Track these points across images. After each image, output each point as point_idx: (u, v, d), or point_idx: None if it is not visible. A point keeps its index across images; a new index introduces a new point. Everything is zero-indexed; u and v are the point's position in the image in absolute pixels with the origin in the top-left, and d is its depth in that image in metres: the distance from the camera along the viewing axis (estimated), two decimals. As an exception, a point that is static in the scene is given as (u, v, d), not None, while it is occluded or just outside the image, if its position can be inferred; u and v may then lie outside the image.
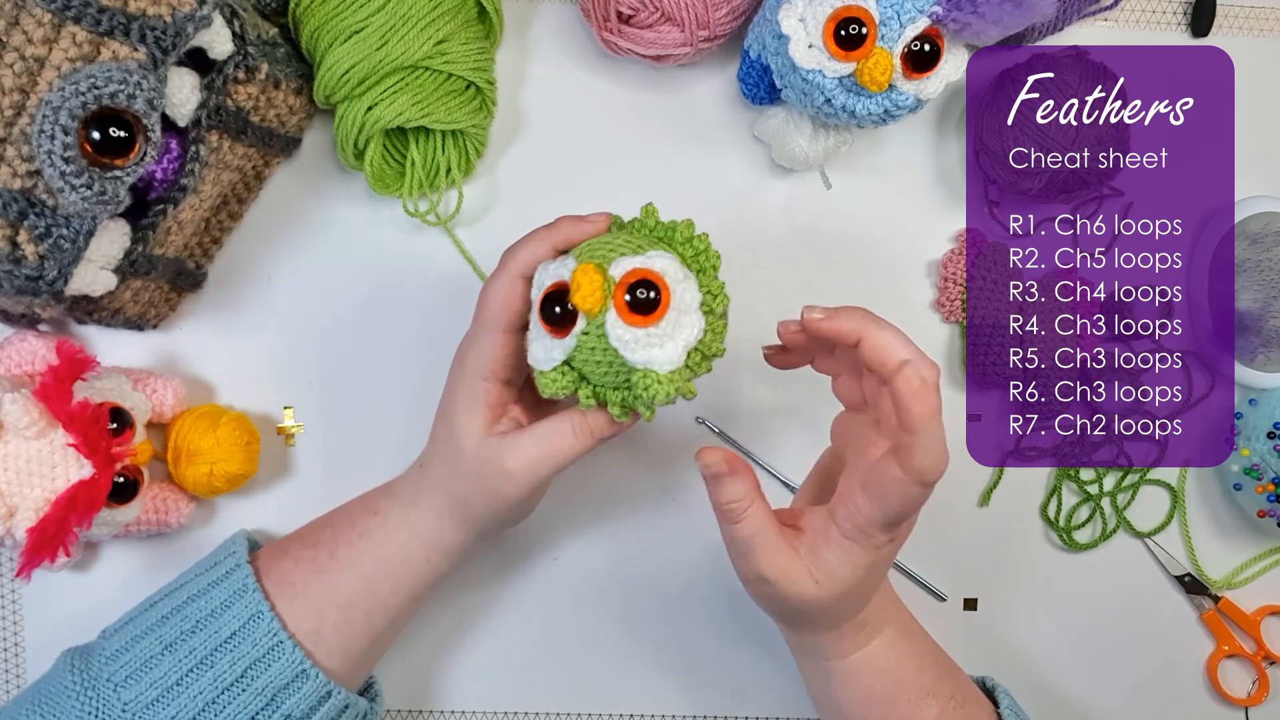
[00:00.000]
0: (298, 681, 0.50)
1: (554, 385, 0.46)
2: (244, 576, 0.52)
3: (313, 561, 0.53)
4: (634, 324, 0.44)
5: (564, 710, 0.63)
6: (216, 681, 0.50)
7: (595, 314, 0.45)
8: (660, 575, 0.62)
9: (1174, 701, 0.65)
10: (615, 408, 0.47)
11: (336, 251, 0.61)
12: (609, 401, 0.47)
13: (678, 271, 0.45)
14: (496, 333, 0.50)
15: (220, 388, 0.60)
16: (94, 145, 0.44)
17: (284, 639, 0.50)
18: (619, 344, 0.44)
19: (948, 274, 0.62)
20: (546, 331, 0.46)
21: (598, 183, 0.62)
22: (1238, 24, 0.64)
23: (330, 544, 0.53)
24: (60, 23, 0.44)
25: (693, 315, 0.46)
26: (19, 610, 0.60)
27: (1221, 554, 0.65)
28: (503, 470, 0.49)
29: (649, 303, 0.44)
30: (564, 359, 0.46)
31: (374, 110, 0.55)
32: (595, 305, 0.44)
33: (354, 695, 0.53)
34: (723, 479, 0.48)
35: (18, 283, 0.46)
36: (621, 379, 0.46)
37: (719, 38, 0.57)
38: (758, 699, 0.63)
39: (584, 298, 0.44)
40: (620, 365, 0.45)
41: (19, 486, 0.50)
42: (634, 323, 0.44)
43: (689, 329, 0.45)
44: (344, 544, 0.53)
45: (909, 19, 0.50)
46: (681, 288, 0.45)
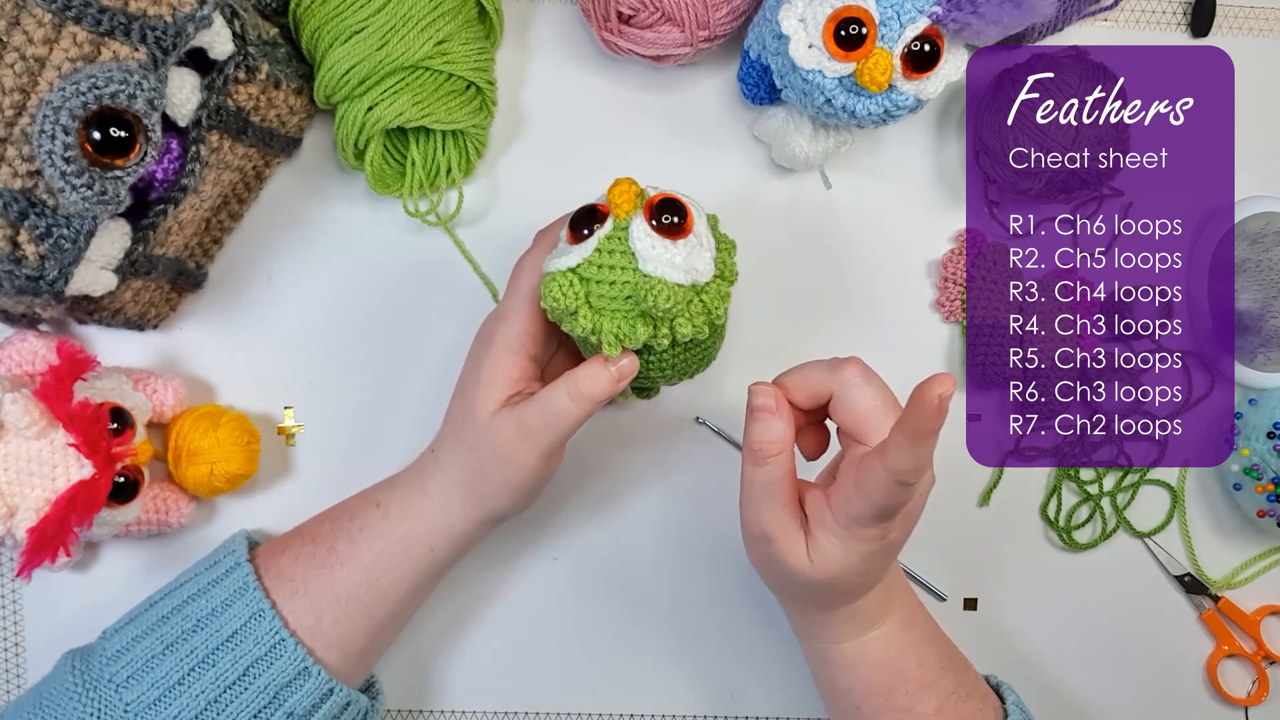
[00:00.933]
0: (300, 679, 0.50)
1: (558, 289, 0.47)
2: (244, 575, 0.52)
3: (312, 556, 0.52)
4: (657, 233, 0.47)
5: (564, 710, 0.63)
6: (218, 680, 0.50)
7: (622, 217, 0.47)
8: (660, 575, 0.62)
9: (1174, 701, 0.65)
10: (609, 336, 0.47)
11: (336, 251, 0.61)
12: (605, 331, 0.47)
13: (700, 213, 0.49)
14: (527, 305, 0.50)
15: (220, 388, 0.60)
16: (94, 145, 0.44)
17: (285, 637, 0.50)
18: (638, 245, 0.46)
19: (948, 274, 0.62)
20: (569, 241, 0.48)
21: (598, 183, 0.61)
22: (1238, 24, 0.64)
23: (330, 538, 0.53)
24: (61, 23, 0.44)
25: (706, 255, 0.48)
26: (19, 610, 0.60)
27: (1221, 554, 0.65)
28: (510, 440, 0.50)
29: (673, 226, 0.47)
30: (577, 263, 0.47)
31: (374, 110, 0.55)
32: (626, 208, 0.47)
33: (355, 692, 0.53)
34: (766, 415, 0.48)
35: (18, 283, 0.46)
36: (628, 305, 0.47)
37: (719, 38, 0.57)
38: (757, 699, 0.63)
39: (616, 198, 0.47)
40: (631, 280, 0.46)
41: (19, 486, 0.50)
42: (657, 232, 0.47)
43: (701, 265, 0.47)
44: (344, 538, 0.53)
45: (909, 19, 0.50)
46: (702, 226, 0.48)
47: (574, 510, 0.62)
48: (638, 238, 0.46)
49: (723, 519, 0.62)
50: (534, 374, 0.52)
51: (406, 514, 0.53)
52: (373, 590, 0.52)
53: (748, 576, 0.63)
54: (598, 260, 0.47)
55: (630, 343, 0.47)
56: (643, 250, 0.46)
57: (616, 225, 0.47)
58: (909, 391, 0.43)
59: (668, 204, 0.47)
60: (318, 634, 0.51)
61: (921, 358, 0.63)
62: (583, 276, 0.47)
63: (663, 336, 0.48)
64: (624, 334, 0.47)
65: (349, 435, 0.61)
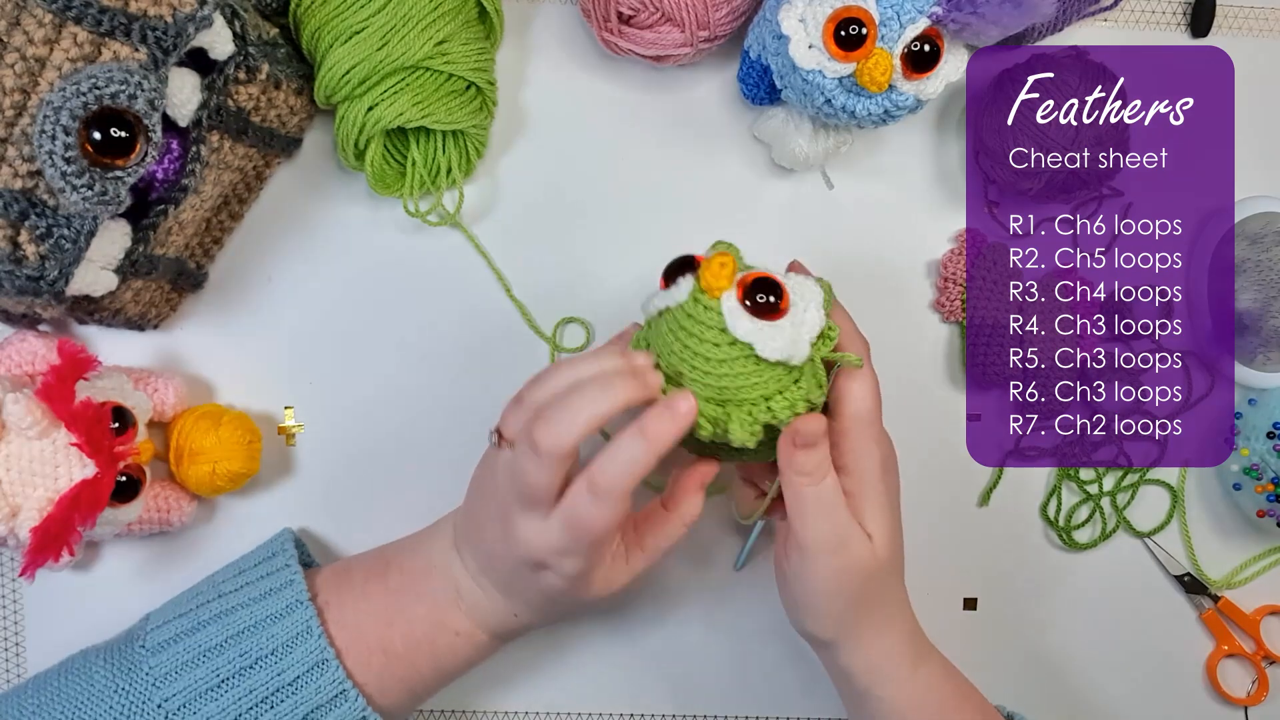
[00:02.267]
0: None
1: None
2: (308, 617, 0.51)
3: (389, 669, 0.52)
4: (753, 313, 0.45)
5: (564, 710, 0.63)
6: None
7: (714, 294, 0.45)
8: (660, 575, 0.63)
9: (1174, 701, 0.65)
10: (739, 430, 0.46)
11: (337, 251, 0.61)
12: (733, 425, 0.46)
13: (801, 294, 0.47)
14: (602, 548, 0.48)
15: (221, 387, 0.60)
16: (95, 145, 0.44)
17: (348, 687, 0.50)
18: (730, 315, 0.44)
19: (948, 274, 0.62)
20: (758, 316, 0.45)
21: (598, 183, 0.62)
22: (1238, 24, 0.64)
23: (409, 656, 0.52)
24: (61, 23, 0.44)
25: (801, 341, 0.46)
26: (20, 610, 0.60)
27: (1221, 554, 0.65)
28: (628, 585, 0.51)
29: (768, 306, 0.45)
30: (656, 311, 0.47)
31: (374, 110, 0.55)
32: (716, 285, 0.45)
33: None
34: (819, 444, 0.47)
35: (19, 283, 0.46)
36: (684, 371, 0.46)
37: (719, 38, 0.57)
38: (757, 699, 0.63)
39: (709, 274, 0.44)
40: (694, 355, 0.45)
41: (22, 486, 0.50)
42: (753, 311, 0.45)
43: (804, 340, 0.46)
44: (425, 658, 0.52)
45: (909, 19, 0.50)
46: (802, 308, 0.46)
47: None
48: (730, 312, 0.45)
49: (725, 519, 0.62)
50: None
51: (491, 638, 0.53)
52: (446, 681, 0.54)
53: (749, 576, 0.63)
54: (679, 318, 0.46)
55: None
56: (735, 324, 0.45)
57: (699, 294, 0.45)
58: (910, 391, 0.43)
59: (764, 284, 0.45)
60: (373, 691, 0.52)
61: (921, 358, 0.63)
62: (659, 337, 0.47)
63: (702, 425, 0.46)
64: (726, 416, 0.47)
65: (349, 435, 0.61)
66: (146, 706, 0.49)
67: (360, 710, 0.50)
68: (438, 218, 0.60)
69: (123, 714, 0.49)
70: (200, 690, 0.49)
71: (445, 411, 0.61)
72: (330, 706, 0.50)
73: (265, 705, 0.49)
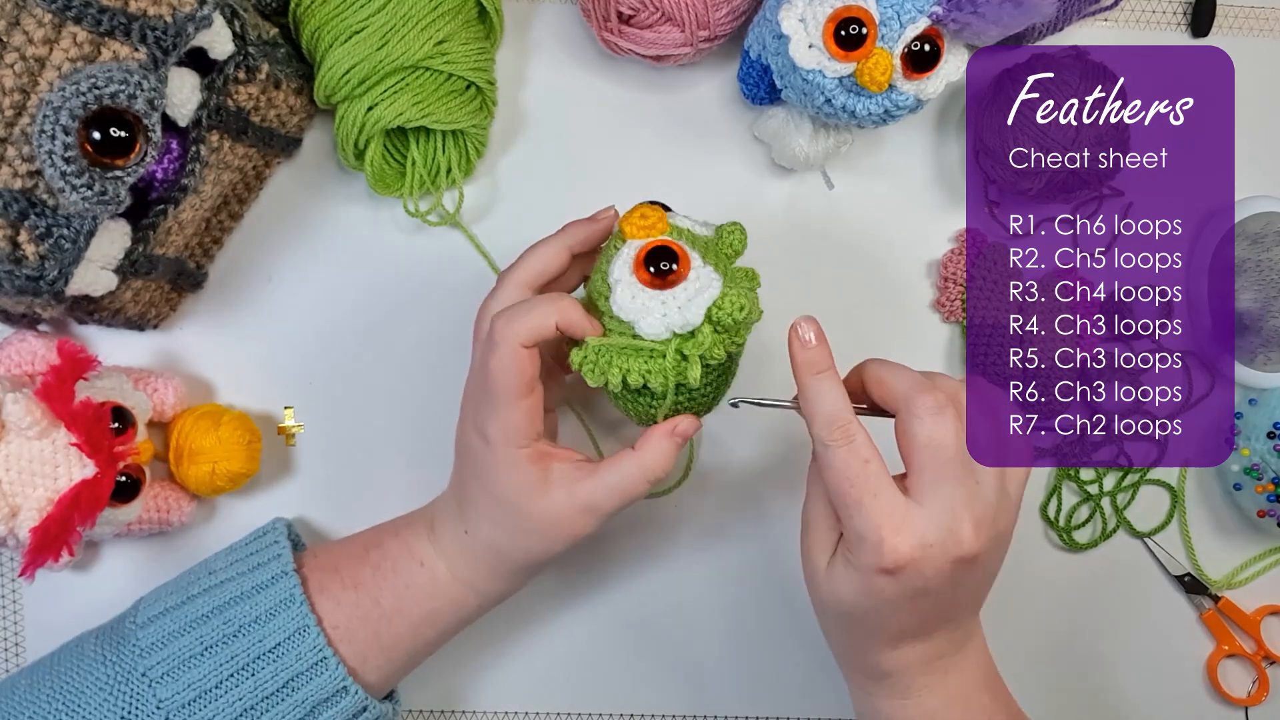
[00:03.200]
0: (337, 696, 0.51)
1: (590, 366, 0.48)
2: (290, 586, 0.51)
3: (355, 605, 0.52)
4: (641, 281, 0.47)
5: (564, 710, 0.63)
6: (257, 690, 0.50)
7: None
8: (660, 574, 0.62)
9: (1174, 701, 0.65)
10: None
11: (336, 251, 0.61)
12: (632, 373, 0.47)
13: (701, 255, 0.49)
14: (515, 402, 0.48)
15: (221, 387, 0.60)
16: (94, 145, 0.44)
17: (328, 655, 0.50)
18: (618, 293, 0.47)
19: (948, 274, 0.62)
20: (649, 286, 0.47)
21: (598, 183, 0.62)
22: (1238, 24, 0.64)
23: (374, 588, 0.52)
24: (61, 23, 0.44)
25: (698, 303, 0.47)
26: (19, 610, 0.60)
27: (1221, 554, 0.65)
28: (579, 519, 0.50)
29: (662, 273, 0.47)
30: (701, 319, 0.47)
31: (374, 110, 0.55)
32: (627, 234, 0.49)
33: (383, 704, 0.53)
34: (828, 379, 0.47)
35: (18, 283, 0.46)
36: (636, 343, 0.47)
37: (719, 38, 0.57)
38: (758, 699, 0.63)
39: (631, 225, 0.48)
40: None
41: (22, 486, 0.50)
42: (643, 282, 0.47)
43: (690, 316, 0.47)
44: (389, 591, 0.52)
45: (909, 19, 0.50)
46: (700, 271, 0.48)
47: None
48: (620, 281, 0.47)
49: (727, 519, 0.62)
50: (553, 442, 0.53)
51: (454, 580, 0.53)
52: (416, 639, 0.53)
53: (752, 576, 0.63)
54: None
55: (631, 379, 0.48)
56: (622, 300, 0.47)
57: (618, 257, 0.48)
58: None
59: (660, 252, 0.47)
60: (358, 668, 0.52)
61: (921, 358, 0.63)
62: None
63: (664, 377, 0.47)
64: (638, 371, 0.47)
65: (349, 435, 0.61)
66: (131, 675, 0.50)
67: (340, 679, 0.50)
68: (438, 218, 0.60)
69: (109, 683, 0.49)
70: (184, 658, 0.50)
71: (445, 411, 0.60)
72: (310, 674, 0.50)
73: (246, 673, 0.50)
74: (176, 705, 0.49)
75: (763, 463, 0.63)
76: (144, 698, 0.49)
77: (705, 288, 0.47)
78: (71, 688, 0.50)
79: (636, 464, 0.49)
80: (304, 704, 0.50)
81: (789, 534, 0.63)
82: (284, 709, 0.50)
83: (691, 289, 0.47)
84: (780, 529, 0.62)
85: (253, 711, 0.49)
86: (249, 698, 0.49)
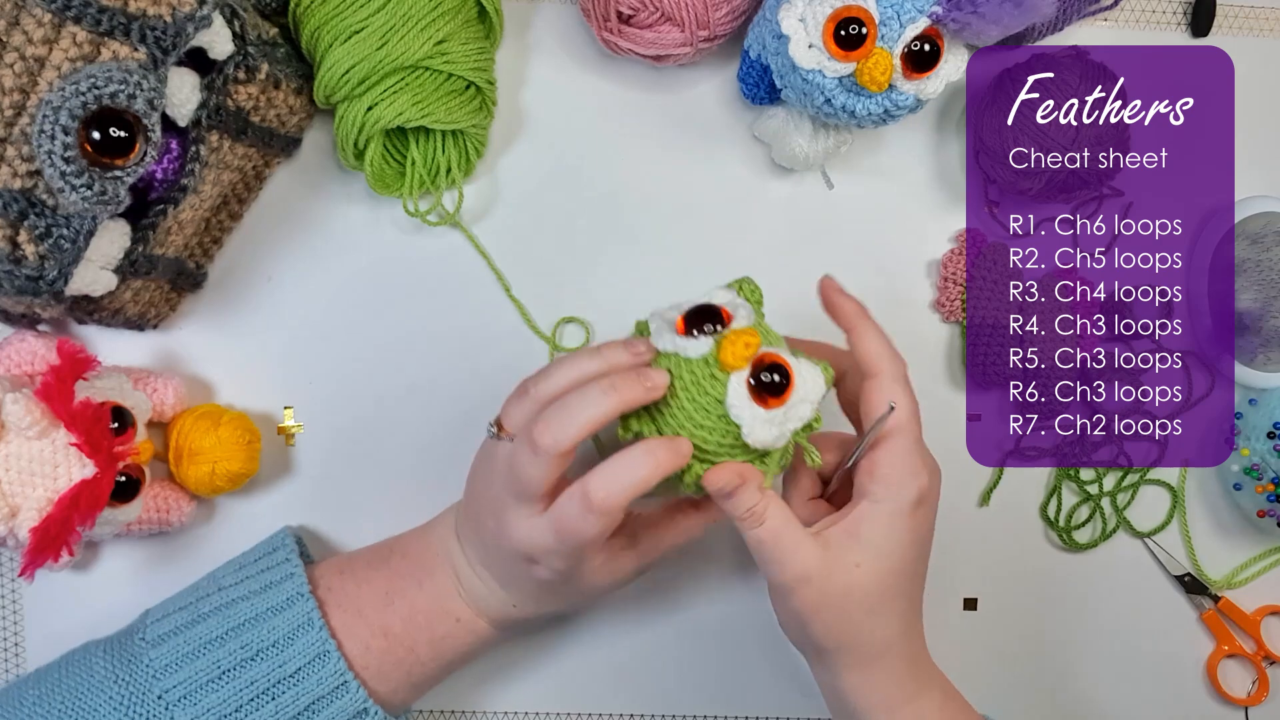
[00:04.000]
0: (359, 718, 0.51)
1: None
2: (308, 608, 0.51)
3: (388, 653, 0.52)
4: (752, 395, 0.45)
5: (564, 710, 0.63)
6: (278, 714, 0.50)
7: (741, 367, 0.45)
8: (660, 574, 0.62)
9: (1174, 701, 0.65)
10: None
11: (336, 251, 0.61)
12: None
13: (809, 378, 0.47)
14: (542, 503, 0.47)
15: (220, 387, 0.60)
16: (94, 145, 0.44)
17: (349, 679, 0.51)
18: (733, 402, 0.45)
19: (948, 274, 0.62)
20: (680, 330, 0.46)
21: (598, 183, 0.62)
22: (1238, 24, 0.64)
23: (407, 638, 0.52)
24: (60, 23, 0.44)
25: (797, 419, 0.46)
26: (19, 610, 0.60)
27: (1221, 554, 0.65)
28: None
29: (772, 390, 0.45)
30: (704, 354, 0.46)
31: (374, 110, 0.55)
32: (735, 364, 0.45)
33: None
34: (736, 493, 0.46)
35: (18, 283, 0.46)
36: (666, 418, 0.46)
37: (719, 38, 0.57)
38: (757, 699, 0.63)
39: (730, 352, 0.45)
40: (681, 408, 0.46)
41: (21, 486, 0.50)
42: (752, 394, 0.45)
43: (788, 432, 0.46)
44: (425, 643, 0.52)
45: (909, 19, 0.50)
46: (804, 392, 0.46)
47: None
48: (734, 393, 0.45)
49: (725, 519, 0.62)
50: None
51: (490, 626, 0.53)
52: (446, 672, 0.54)
53: (748, 575, 0.63)
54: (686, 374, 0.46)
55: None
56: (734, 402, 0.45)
57: (714, 363, 0.45)
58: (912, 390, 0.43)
59: (775, 366, 0.45)
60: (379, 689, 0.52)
61: (921, 358, 0.63)
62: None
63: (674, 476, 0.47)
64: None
65: (349, 435, 0.61)
66: (147, 697, 0.49)
67: (361, 702, 0.50)
68: (437, 218, 0.60)
69: (123, 704, 0.49)
70: (201, 682, 0.49)
71: (445, 411, 0.61)
72: (331, 698, 0.50)
73: (266, 697, 0.50)
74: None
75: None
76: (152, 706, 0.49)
77: (806, 380, 0.46)
78: (83, 705, 0.49)
79: (678, 532, 0.52)
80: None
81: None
82: None
83: (791, 410, 0.46)
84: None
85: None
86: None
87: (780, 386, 0.45)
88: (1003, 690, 0.63)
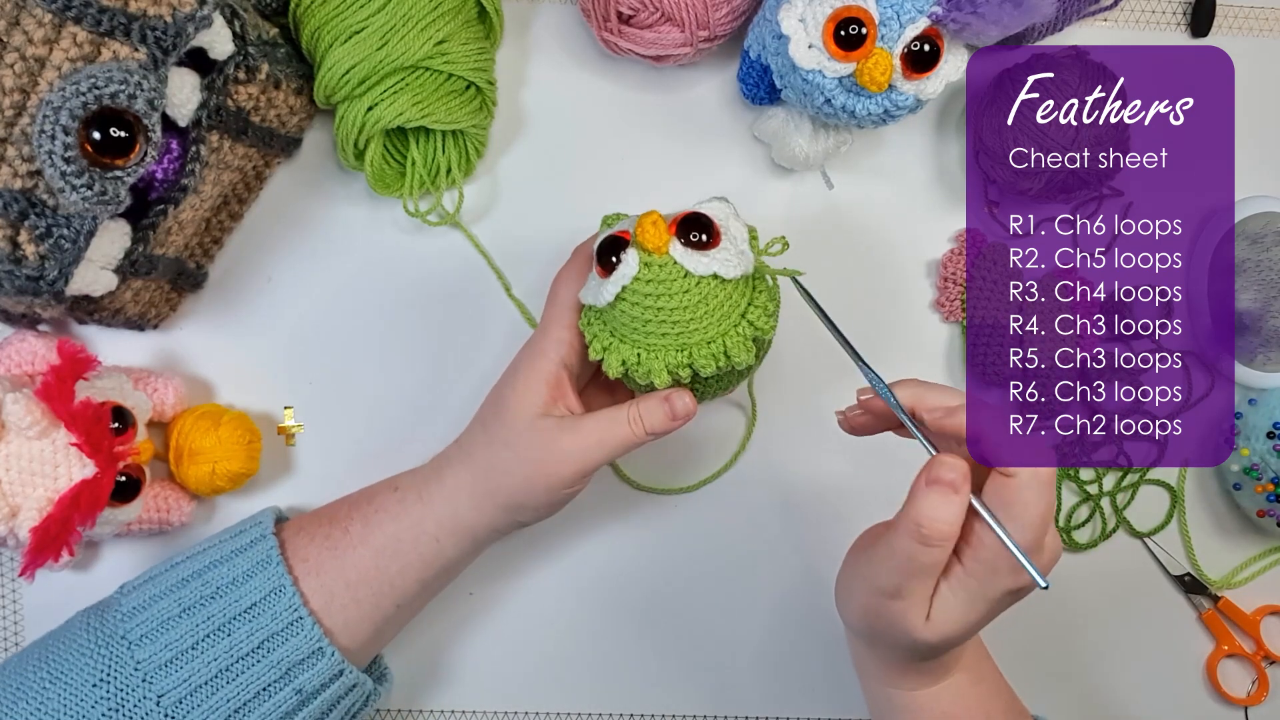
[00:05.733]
0: (313, 658, 0.51)
1: (599, 346, 0.50)
2: (268, 548, 0.52)
3: (327, 538, 0.53)
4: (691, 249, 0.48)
5: (564, 710, 0.63)
6: (232, 650, 0.50)
7: (663, 251, 0.47)
8: (661, 574, 0.62)
9: (1174, 701, 0.65)
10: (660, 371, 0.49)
11: (336, 251, 0.61)
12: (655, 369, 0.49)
13: (728, 221, 0.49)
14: (566, 318, 0.52)
15: (221, 387, 0.60)
16: (94, 145, 0.44)
17: (304, 614, 0.51)
18: (684, 261, 0.47)
19: (948, 274, 0.62)
20: (600, 274, 0.49)
21: (598, 182, 0.62)
22: (1238, 24, 0.64)
23: (345, 520, 0.54)
24: (61, 23, 0.44)
25: (743, 250, 0.49)
26: (19, 610, 0.60)
27: (1221, 554, 0.65)
28: (558, 449, 0.51)
29: (701, 243, 0.48)
30: (619, 290, 0.48)
31: (374, 110, 0.55)
32: (658, 241, 0.47)
33: (362, 674, 0.53)
34: (948, 493, 0.44)
35: (18, 283, 0.46)
36: (674, 334, 0.48)
37: (719, 38, 0.57)
38: (757, 699, 0.63)
39: (649, 235, 0.47)
40: (681, 301, 0.47)
41: (22, 486, 0.50)
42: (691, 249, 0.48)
43: (744, 259, 0.49)
44: (359, 519, 0.53)
45: (909, 19, 0.50)
46: (734, 231, 0.49)
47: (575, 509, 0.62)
48: (681, 257, 0.47)
49: (725, 519, 0.62)
50: (570, 384, 0.53)
51: (419, 499, 0.53)
52: (380, 577, 0.53)
53: (748, 576, 0.63)
54: (641, 290, 0.47)
55: (682, 373, 0.49)
56: (690, 264, 0.47)
57: (648, 257, 0.47)
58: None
59: (692, 220, 0.48)
60: (327, 616, 0.52)
61: (922, 358, 0.63)
62: (621, 319, 0.48)
63: (708, 363, 0.49)
64: (673, 365, 0.49)
65: (349, 435, 0.61)
66: (112, 638, 0.50)
67: (316, 640, 0.51)
68: (438, 218, 0.60)
69: (89, 647, 0.50)
70: (162, 620, 0.50)
71: (445, 411, 0.61)
72: (286, 634, 0.50)
73: (222, 632, 0.50)
74: (154, 665, 0.49)
75: (761, 461, 0.63)
76: (123, 659, 0.49)
77: (717, 211, 0.49)
78: (55, 655, 0.50)
79: (629, 409, 0.51)
80: (280, 665, 0.50)
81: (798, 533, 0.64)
82: (260, 670, 0.50)
83: (729, 234, 0.48)
84: (793, 529, 0.62)
85: (229, 671, 0.50)
86: (225, 657, 0.50)
87: (707, 226, 0.48)
88: (1003, 690, 0.63)
